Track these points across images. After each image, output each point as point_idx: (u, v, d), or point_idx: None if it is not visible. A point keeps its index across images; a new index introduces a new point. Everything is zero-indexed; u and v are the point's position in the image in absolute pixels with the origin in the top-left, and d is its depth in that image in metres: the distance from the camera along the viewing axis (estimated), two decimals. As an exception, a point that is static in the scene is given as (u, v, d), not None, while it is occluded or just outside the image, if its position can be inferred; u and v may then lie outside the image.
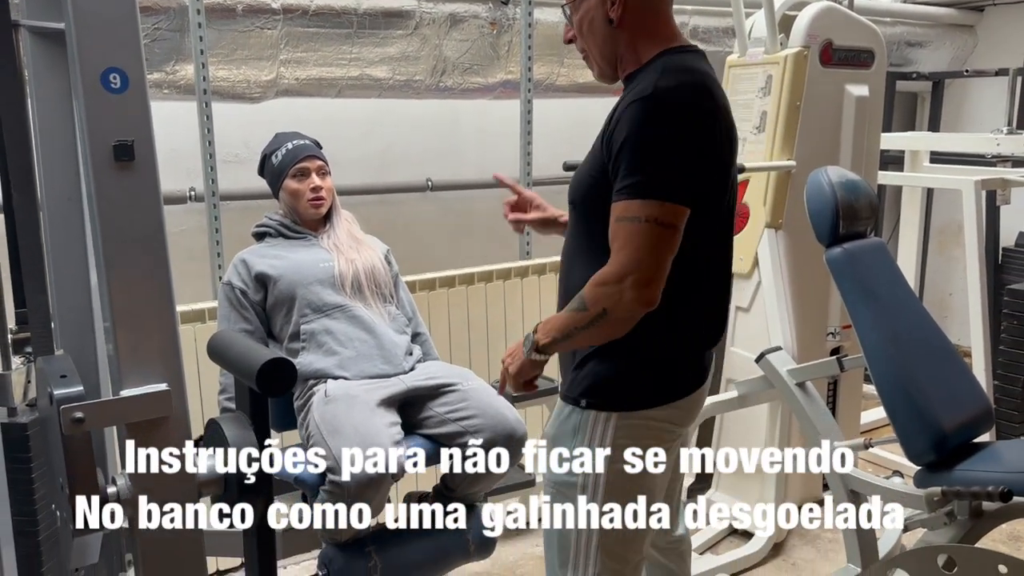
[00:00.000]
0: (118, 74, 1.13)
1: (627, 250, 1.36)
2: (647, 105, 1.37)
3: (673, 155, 1.36)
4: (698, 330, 1.55)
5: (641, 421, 1.50)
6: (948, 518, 1.99)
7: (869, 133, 2.98)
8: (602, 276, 1.39)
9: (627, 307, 1.37)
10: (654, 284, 1.36)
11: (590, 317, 1.41)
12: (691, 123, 1.38)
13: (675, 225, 1.37)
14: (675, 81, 1.39)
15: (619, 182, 1.38)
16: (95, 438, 1.20)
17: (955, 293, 5.07)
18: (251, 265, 2.14)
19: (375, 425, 1.92)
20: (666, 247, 1.37)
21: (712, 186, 1.44)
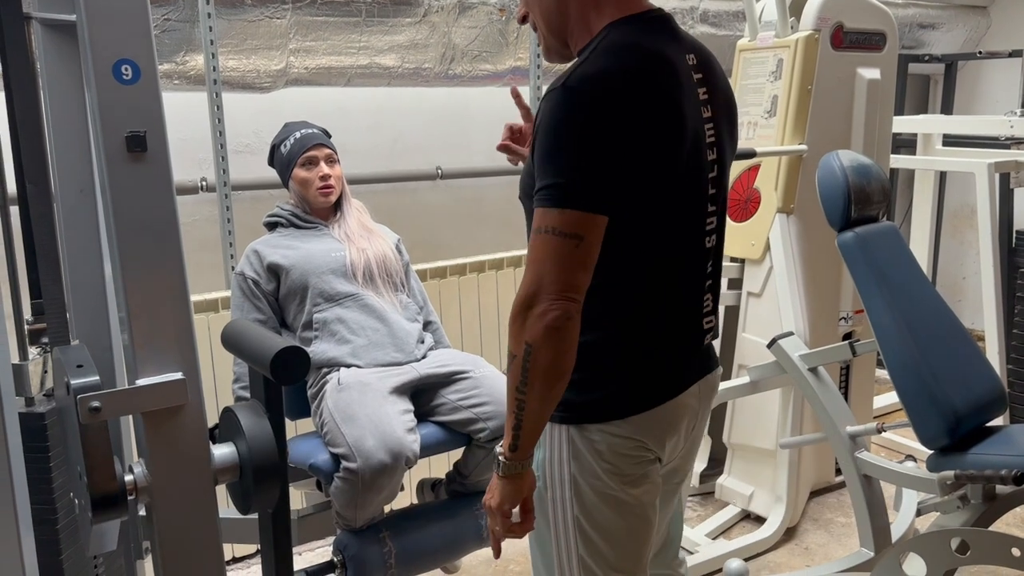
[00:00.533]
0: (130, 65, 1.13)
1: (531, 268, 1.21)
2: (557, 98, 1.21)
3: (575, 155, 1.19)
4: (657, 338, 1.35)
5: (599, 436, 1.32)
6: (961, 502, 2.00)
7: (881, 116, 2.97)
8: (513, 310, 1.22)
9: (543, 332, 1.18)
10: (563, 301, 1.18)
11: (520, 364, 1.20)
12: (602, 119, 1.19)
13: (579, 235, 1.19)
14: (598, 66, 1.22)
15: (535, 186, 1.23)
16: (112, 427, 1.21)
17: (968, 277, 5.05)
18: (263, 255, 2.15)
19: (388, 413, 1.93)
20: (572, 259, 1.19)
21: (644, 183, 1.24)
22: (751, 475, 3.06)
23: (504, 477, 1.28)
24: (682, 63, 1.29)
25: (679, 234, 1.32)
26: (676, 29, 1.33)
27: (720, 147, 1.36)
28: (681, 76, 1.27)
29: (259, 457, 1.24)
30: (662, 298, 1.33)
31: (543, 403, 1.23)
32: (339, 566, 1.97)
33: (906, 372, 2.07)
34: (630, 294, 1.30)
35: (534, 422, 1.24)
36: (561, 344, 1.20)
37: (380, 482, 1.86)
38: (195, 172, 3.02)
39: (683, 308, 1.37)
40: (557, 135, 1.20)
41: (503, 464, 1.27)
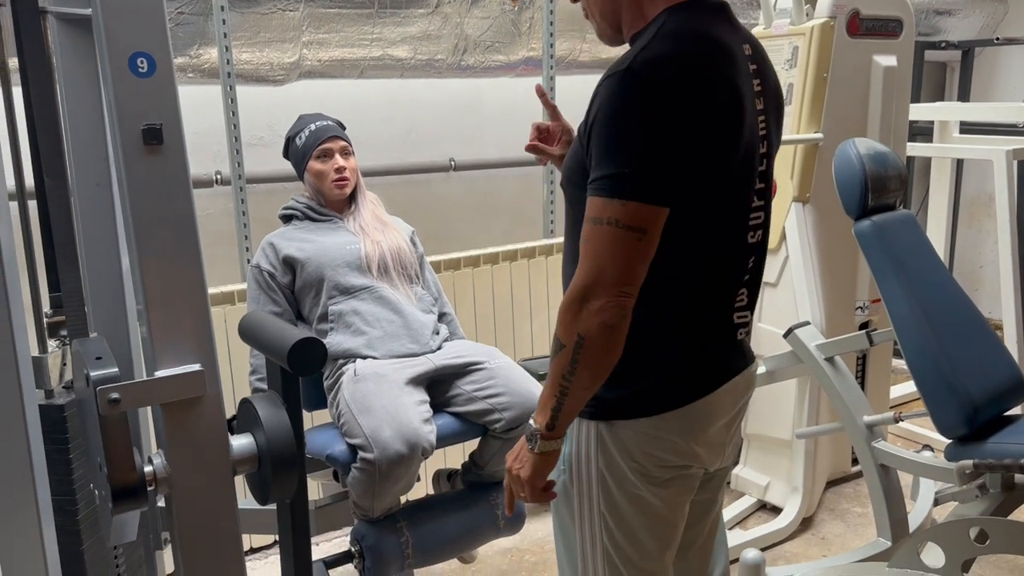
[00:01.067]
0: (145, 58, 1.13)
1: (588, 259, 1.18)
2: (618, 83, 1.16)
3: (640, 143, 1.15)
4: (691, 333, 1.32)
5: (629, 433, 1.30)
6: (980, 491, 1.99)
7: (897, 104, 2.94)
8: (566, 299, 1.21)
9: (599, 326, 1.17)
10: (620, 296, 1.17)
11: (570, 354, 1.20)
12: (667, 105, 1.15)
13: (642, 228, 1.16)
14: (660, 51, 1.17)
15: (591, 175, 1.20)
16: (130, 418, 1.22)
17: (986, 265, 5.01)
18: (279, 248, 2.16)
19: (404, 403, 1.93)
20: (633, 253, 1.17)
21: (704, 173, 1.21)
22: (767, 465, 3.05)
23: (540, 454, 1.28)
24: (740, 52, 1.26)
25: (725, 228, 1.29)
26: (733, 18, 1.30)
27: (769, 141, 1.33)
28: (739, 64, 1.24)
29: (277, 447, 1.24)
30: (699, 293, 1.30)
31: (586, 392, 1.24)
32: (356, 556, 1.98)
33: (924, 361, 2.06)
34: (668, 288, 1.26)
35: (574, 407, 1.25)
36: (614, 341, 1.19)
37: (397, 472, 1.87)
38: (210, 166, 3.04)
39: (718, 303, 1.34)
40: (619, 122, 1.16)
41: (540, 442, 1.27)
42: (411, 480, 1.95)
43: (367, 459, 1.86)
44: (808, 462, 2.88)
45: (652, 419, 1.29)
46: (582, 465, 1.34)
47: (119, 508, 1.18)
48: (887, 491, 2.36)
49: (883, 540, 2.40)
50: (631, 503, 1.33)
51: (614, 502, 1.33)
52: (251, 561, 2.75)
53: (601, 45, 3.70)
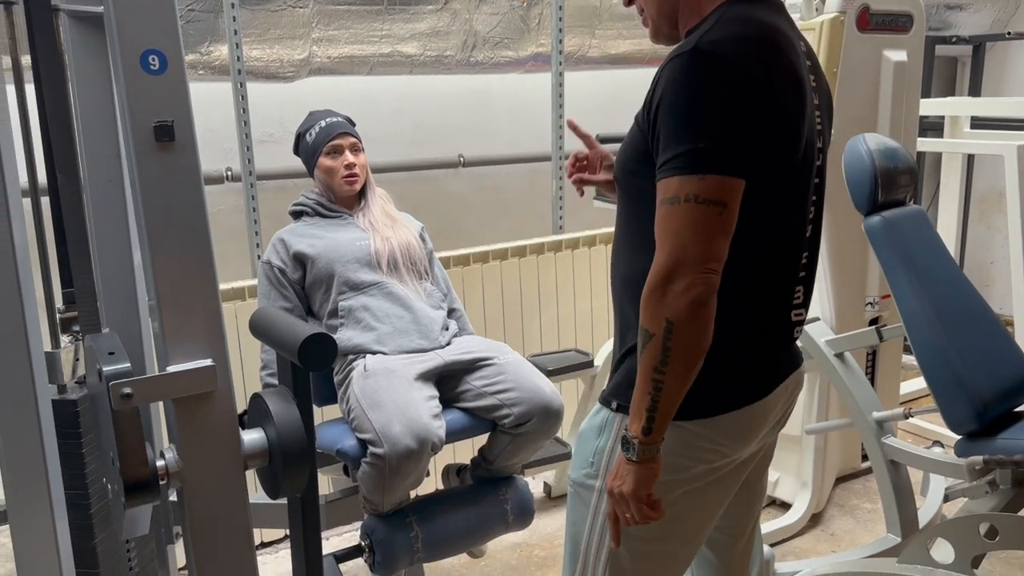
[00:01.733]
0: (157, 56, 1.14)
1: (668, 240, 1.15)
2: (686, 61, 1.15)
3: (714, 118, 1.13)
4: (750, 330, 1.28)
5: (673, 433, 1.23)
6: (990, 487, 1.98)
7: (907, 99, 2.93)
8: (648, 285, 1.16)
9: (687, 308, 1.12)
10: (706, 272, 1.13)
11: (660, 342, 1.14)
12: (738, 81, 1.14)
13: (722, 201, 1.13)
14: (725, 33, 1.17)
15: (659, 158, 1.17)
16: (142, 413, 1.23)
17: (996, 262, 4.98)
18: (289, 244, 2.17)
19: (414, 399, 1.94)
20: (715, 228, 1.13)
21: (772, 154, 1.19)
22: (776, 461, 3.04)
23: (640, 462, 1.20)
24: (795, 43, 1.25)
25: (783, 218, 1.26)
26: (788, 15, 1.30)
27: (825, 139, 1.32)
28: (797, 53, 1.24)
29: (288, 442, 1.25)
30: (756, 287, 1.26)
31: (683, 383, 1.17)
32: (366, 550, 1.99)
33: (933, 357, 2.05)
34: (726, 279, 1.18)
35: (671, 403, 1.18)
36: (706, 320, 1.14)
37: (407, 467, 1.87)
38: (221, 162, 3.05)
39: (776, 298, 1.30)
40: (689, 100, 1.14)
41: (639, 448, 1.19)
42: (421, 475, 1.96)
43: (377, 454, 1.87)
44: (817, 458, 2.88)
45: (704, 421, 1.25)
46: (611, 462, 1.28)
47: (131, 502, 1.19)
48: (897, 487, 2.36)
49: (893, 536, 2.39)
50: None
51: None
52: (262, 555, 2.77)
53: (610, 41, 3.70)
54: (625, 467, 1.22)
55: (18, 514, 1.47)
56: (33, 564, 1.48)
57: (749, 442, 1.31)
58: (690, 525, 1.35)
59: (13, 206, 1.40)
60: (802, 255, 1.33)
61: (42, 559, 1.48)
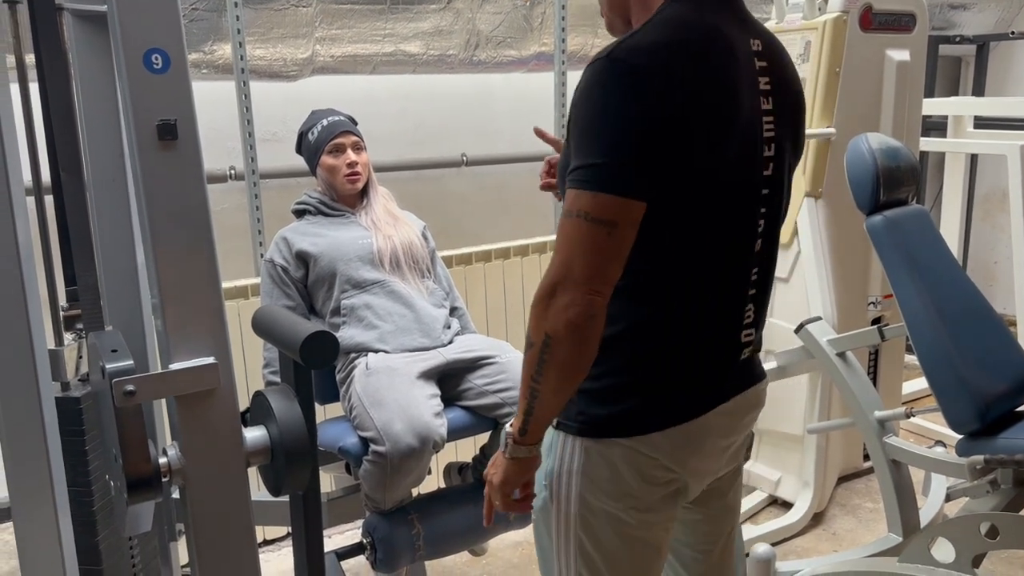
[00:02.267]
0: (160, 54, 1.14)
1: (559, 254, 1.11)
2: (598, 69, 1.10)
3: (616, 135, 1.08)
4: (688, 348, 1.22)
5: (616, 452, 1.21)
6: (991, 487, 1.98)
7: (910, 99, 2.93)
8: (536, 295, 1.13)
9: (565, 327, 1.09)
10: (589, 294, 1.09)
11: (537, 353, 1.12)
12: (647, 95, 1.07)
13: (612, 221, 1.08)
14: (646, 39, 1.11)
15: (570, 167, 1.13)
16: (145, 410, 1.23)
17: (1000, 261, 4.98)
18: (292, 243, 2.18)
19: (416, 397, 1.94)
20: (603, 248, 1.09)
21: (689, 170, 1.11)
22: (778, 460, 3.05)
23: (512, 459, 1.22)
24: (743, 45, 1.18)
25: (721, 233, 1.19)
26: (742, 12, 1.23)
27: (779, 145, 1.23)
28: (739, 57, 1.17)
29: (290, 440, 1.25)
30: (696, 304, 1.20)
31: (556, 395, 1.16)
32: (368, 547, 1.99)
33: (935, 356, 2.05)
34: (660, 296, 1.18)
35: (546, 411, 1.18)
36: (582, 341, 1.11)
37: (408, 465, 1.88)
38: (224, 161, 3.05)
39: (720, 317, 1.24)
40: (595, 110, 1.10)
41: (511, 446, 1.21)
42: (422, 473, 1.96)
43: (379, 452, 1.87)
44: (819, 457, 2.88)
45: (641, 438, 1.20)
46: (563, 482, 1.24)
47: (134, 499, 1.19)
48: (898, 487, 2.35)
49: (894, 535, 2.39)
50: (609, 524, 1.24)
51: (591, 524, 1.24)
52: (264, 553, 2.78)
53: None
54: (500, 459, 1.24)
55: (22, 510, 1.48)
56: (37, 560, 1.49)
57: (690, 459, 1.25)
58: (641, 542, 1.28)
59: (17, 204, 1.40)
60: (751, 271, 1.25)
61: (45, 555, 1.49)
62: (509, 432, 1.22)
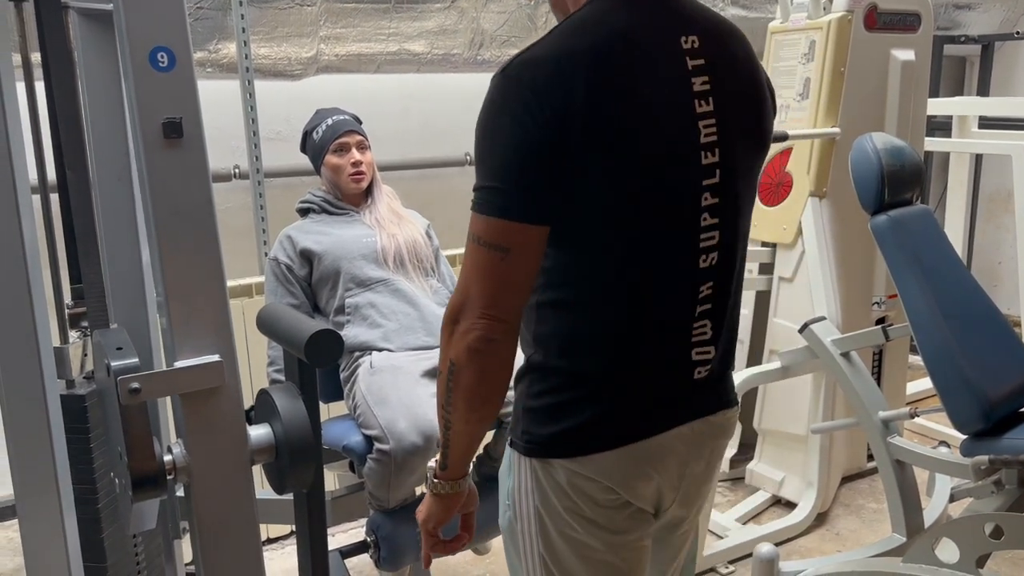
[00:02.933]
0: (165, 53, 1.15)
1: (460, 278, 1.09)
2: (493, 85, 1.05)
3: (507, 158, 1.03)
4: (626, 368, 1.14)
5: (561, 472, 1.15)
6: (995, 487, 1.98)
7: (915, 98, 2.93)
8: (442, 321, 1.10)
9: (465, 353, 1.06)
10: (485, 319, 1.05)
11: (445, 381, 1.09)
12: (538, 110, 1.01)
13: (503, 247, 1.04)
14: (542, 50, 1.05)
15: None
16: (150, 408, 1.24)
17: (1004, 262, 4.97)
18: (296, 241, 2.18)
19: (420, 396, 1.95)
20: (497, 273, 1.05)
21: (604, 190, 1.05)
22: (782, 460, 3.05)
23: (434, 495, 1.20)
24: (668, 44, 1.09)
25: (648, 247, 1.11)
26: (676, 4, 1.13)
27: (726, 149, 1.12)
28: (657, 59, 1.07)
29: (294, 438, 1.25)
30: (630, 321, 1.13)
31: (467, 425, 1.12)
32: (372, 546, 1.99)
33: (939, 356, 2.05)
34: (591, 312, 1.12)
35: (461, 443, 1.15)
36: (484, 368, 1.07)
37: (412, 463, 1.88)
38: (228, 160, 3.06)
39: (661, 334, 1.16)
40: (486, 130, 1.06)
41: (432, 482, 1.19)
42: (426, 471, 1.96)
43: (383, 450, 1.87)
44: (823, 457, 2.88)
45: (582, 459, 1.14)
46: (522, 502, 1.20)
47: (139, 496, 1.19)
48: (902, 487, 2.35)
49: (898, 536, 2.39)
50: (569, 546, 1.19)
51: (552, 544, 1.20)
52: (268, 551, 2.78)
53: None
54: (426, 497, 1.23)
55: (27, 508, 1.48)
56: (41, 557, 1.49)
57: (637, 484, 1.17)
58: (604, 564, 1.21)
59: (23, 202, 1.41)
60: (700, 288, 1.15)
61: (50, 552, 1.49)
62: (431, 467, 1.21)
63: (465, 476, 1.21)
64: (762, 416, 3.07)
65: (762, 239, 3.04)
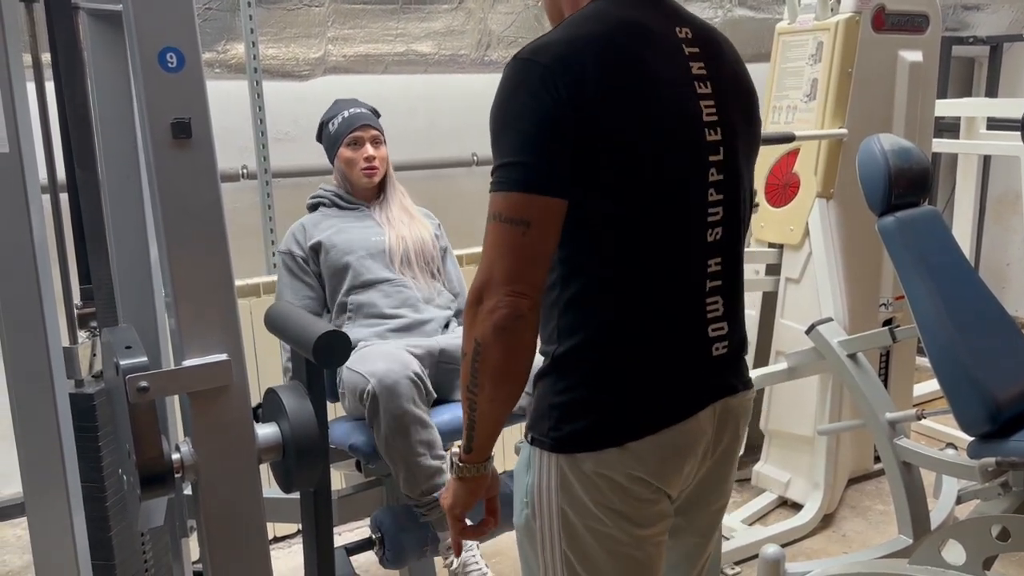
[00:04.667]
0: (174, 53, 1.15)
1: (483, 258, 1.10)
2: (508, 70, 1.10)
3: (523, 133, 1.07)
4: (649, 351, 1.16)
5: (590, 466, 1.15)
6: (1002, 489, 1.98)
7: (923, 100, 2.92)
8: (465, 303, 1.12)
9: (492, 331, 1.07)
10: (512, 295, 1.07)
11: (470, 362, 1.10)
12: (556, 89, 1.06)
13: (525, 220, 1.07)
14: (554, 37, 1.11)
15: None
16: (158, 407, 1.24)
17: (1013, 263, 4.95)
18: (308, 233, 2.19)
19: (402, 352, 1.97)
20: (520, 248, 1.07)
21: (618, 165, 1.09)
22: (788, 462, 3.05)
23: (459, 479, 1.20)
24: (666, 32, 1.16)
25: (665, 222, 1.14)
26: (669, 4, 1.21)
27: (727, 129, 1.18)
28: (660, 43, 1.14)
29: (301, 437, 1.26)
30: (650, 303, 1.15)
31: (494, 404, 1.13)
32: (377, 543, 2.00)
33: (946, 358, 2.05)
34: (610, 298, 1.14)
35: (487, 424, 1.15)
36: (511, 345, 1.08)
37: (397, 398, 1.87)
38: (236, 160, 3.07)
39: (679, 313, 1.18)
40: (503, 111, 1.10)
41: (456, 466, 1.19)
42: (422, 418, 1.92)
43: (369, 392, 1.87)
44: (830, 459, 2.87)
45: (615, 450, 1.15)
46: (543, 500, 1.20)
47: (147, 494, 1.20)
48: (909, 488, 2.35)
49: (904, 537, 2.39)
50: (597, 541, 1.19)
51: (578, 540, 1.19)
52: (275, 550, 2.79)
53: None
54: (450, 482, 1.23)
55: (36, 506, 1.49)
56: (50, 555, 1.50)
57: (671, 471, 1.18)
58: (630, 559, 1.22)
59: (33, 202, 1.42)
60: (708, 262, 1.18)
61: (59, 550, 1.50)
62: (456, 452, 1.21)
63: (490, 459, 1.22)
64: (769, 417, 3.07)
65: (769, 240, 3.04)
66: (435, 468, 1.93)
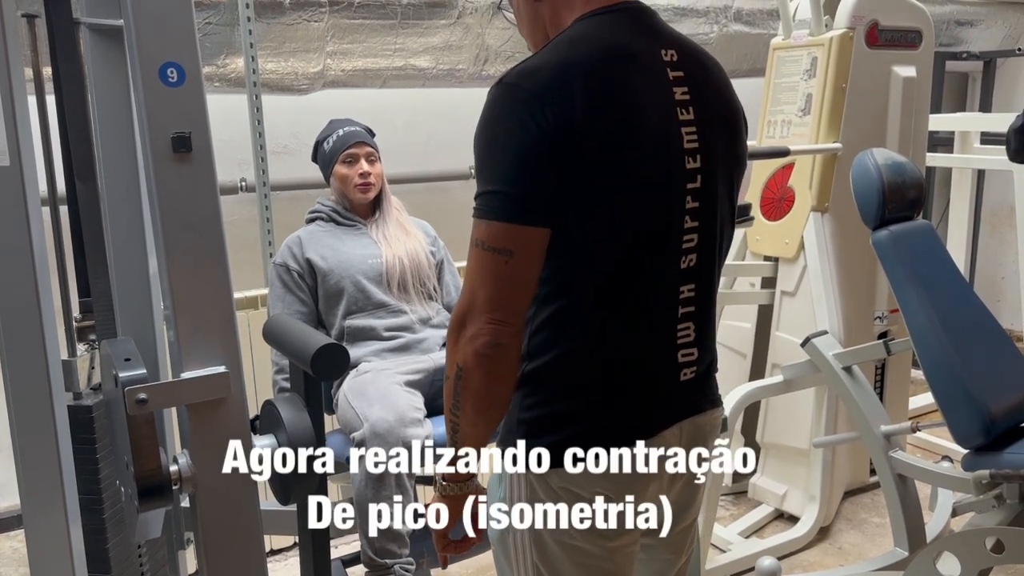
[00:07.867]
0: (175, 68, 1.17)
1: (466, 284, 1.11)
2: (491, 95, 1.10)
3: (505, 163, 1.07)
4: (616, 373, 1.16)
5: (556, 481, 1.16)
6: (997, 501, 1.98)
7: (917, 115, 2.94)
8: (448, 326, 1.14)
9: (472, 357, 1.08)
10: (492, 323, 1.08)
11: (452, 385, 1.12)
12: (539, 115, 1.04)
13: (507, 249, 1.07)
14: (539, 61, 1.09)
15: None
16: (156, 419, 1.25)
17: (1007, 277, 4.97)
18: (304, 248, 2.20)
19: (399, 393, 1.96)
20: (502, 277, 1.07)
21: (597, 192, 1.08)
22: (784, 474, 3.05)
23: (442, 497, 1.22)
24: (651, 56, 1.14)
25: (640, 251, 1.13)
26: (654, 23, 1.19)
27: (707, 155, 1.16)
28: (645, 68, 1.12)
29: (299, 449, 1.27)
30: (622, 326, 1.15)
31: (476, 428, 1.15)
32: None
33: (941, 371, 2.06)
34: (583, 320, 1.14)
35: (469, 445, 1.17)
36: (492, 371, 1.10)
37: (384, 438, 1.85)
38: (235, 173, 3.08)
39: (649, 338, 1.18)
40: (486, 137, 1.10)
41: (440, 484, 1.22)
42: (405, 486, 1.90)
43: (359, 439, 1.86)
44: (826, 471, 2.88)
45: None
46: (515, 512, 1.21)
47: (145, 506, 1.21)
48: (904, 501, 2.35)
49: (900, 550, 2.39)
50: (566, 554, 1.19)
51: (548, 554, 1.20)
52: (271, 563, 2.78)
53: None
54: (434, 498, 1.24)
55: (33, 518, 1.49)
56: (47, 566, 1.50)
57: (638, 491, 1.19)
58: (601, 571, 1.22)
59: (33, 214, 1.42)
60: (680, 288, 1.18)
61: (56, 562, 1.50)
62: (437, 470, 1.22)
63: (472, 477, 1.23)
64: (764, 430, 3.07)
65: (764, 253, 3.05)
66: (386, 550, 1.91)
